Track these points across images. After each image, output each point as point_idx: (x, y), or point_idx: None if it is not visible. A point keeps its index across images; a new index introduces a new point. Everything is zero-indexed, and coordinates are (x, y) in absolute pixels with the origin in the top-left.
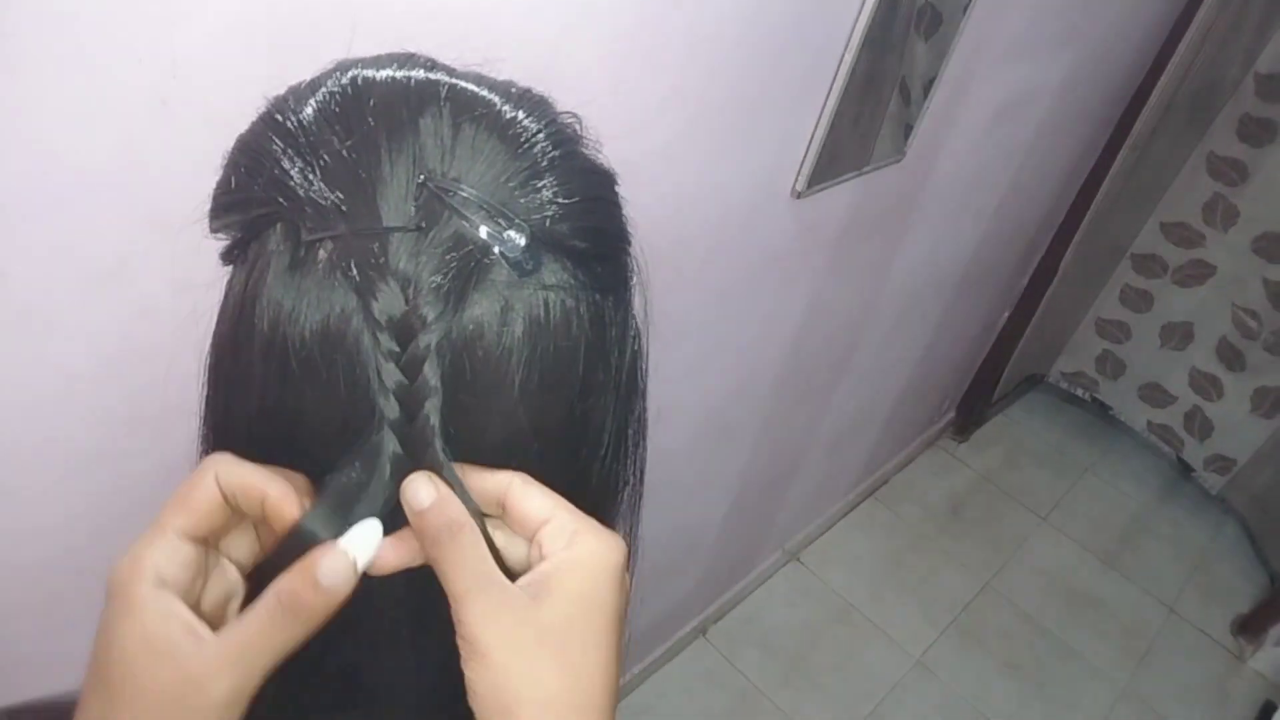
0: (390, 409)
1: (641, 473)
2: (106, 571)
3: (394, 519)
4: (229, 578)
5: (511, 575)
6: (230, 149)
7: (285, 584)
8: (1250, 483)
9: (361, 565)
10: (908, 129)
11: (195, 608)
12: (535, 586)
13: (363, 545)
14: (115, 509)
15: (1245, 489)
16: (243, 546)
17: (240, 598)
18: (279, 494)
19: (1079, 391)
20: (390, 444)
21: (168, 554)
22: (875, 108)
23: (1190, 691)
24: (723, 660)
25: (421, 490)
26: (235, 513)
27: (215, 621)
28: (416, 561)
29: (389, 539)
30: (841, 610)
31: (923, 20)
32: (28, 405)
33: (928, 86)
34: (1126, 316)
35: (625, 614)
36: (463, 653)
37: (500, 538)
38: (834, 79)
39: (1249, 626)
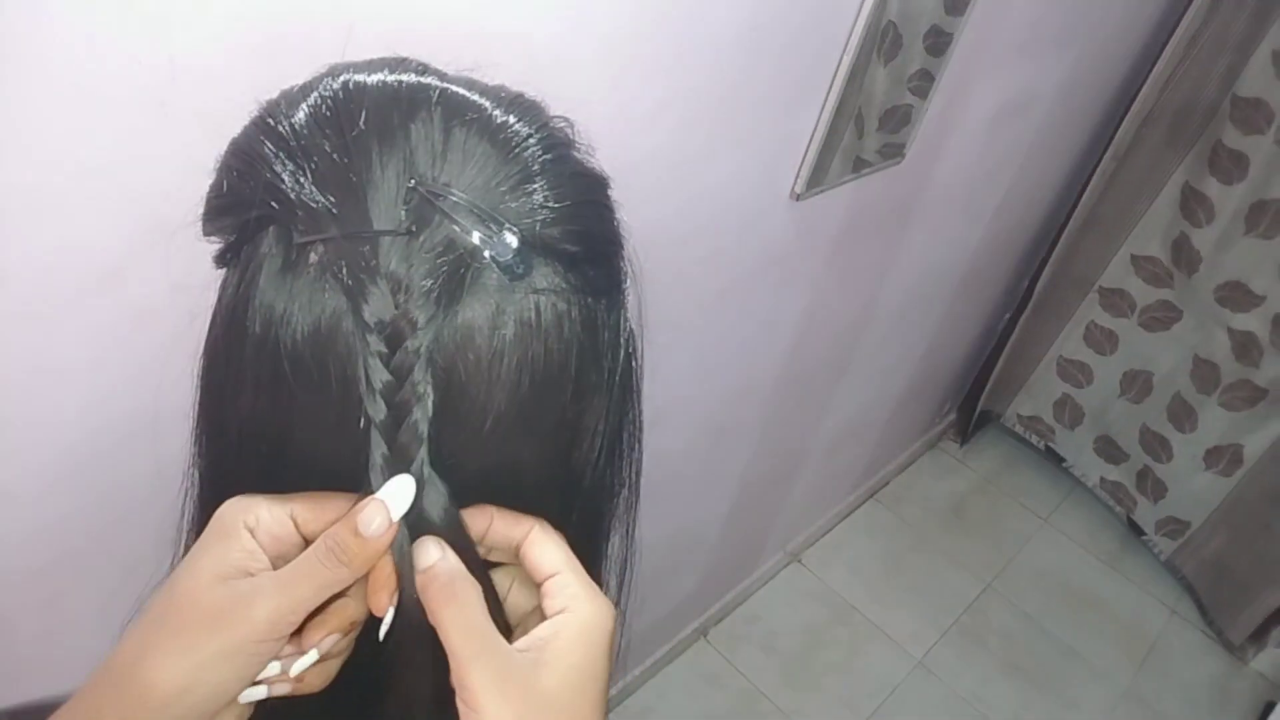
0: (377, 410)
1: (638, 475)
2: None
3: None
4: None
5: (510, 626)
6: (222, 152)
7: (333, 531)
8: (1202, 548)
9: (396, 514)
10: (858, 160)
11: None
12: (535, 653)
13: (398, 496)
14: (113, 510)
15: (1196, 555)
16: None
17: None
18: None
19: (1033, 439)
20: (378, 449)
21: (276, 518)
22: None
23: (1192, 692)
24: (724, 661)
25: (427, 550)
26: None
27: None
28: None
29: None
30: (843, 611)
31: (884, 42)
32: (26, 406)
33: (884, 115)
34: (1090, 358)
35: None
36: (463, 715)
37: (514, 585)
38: (833, 80)
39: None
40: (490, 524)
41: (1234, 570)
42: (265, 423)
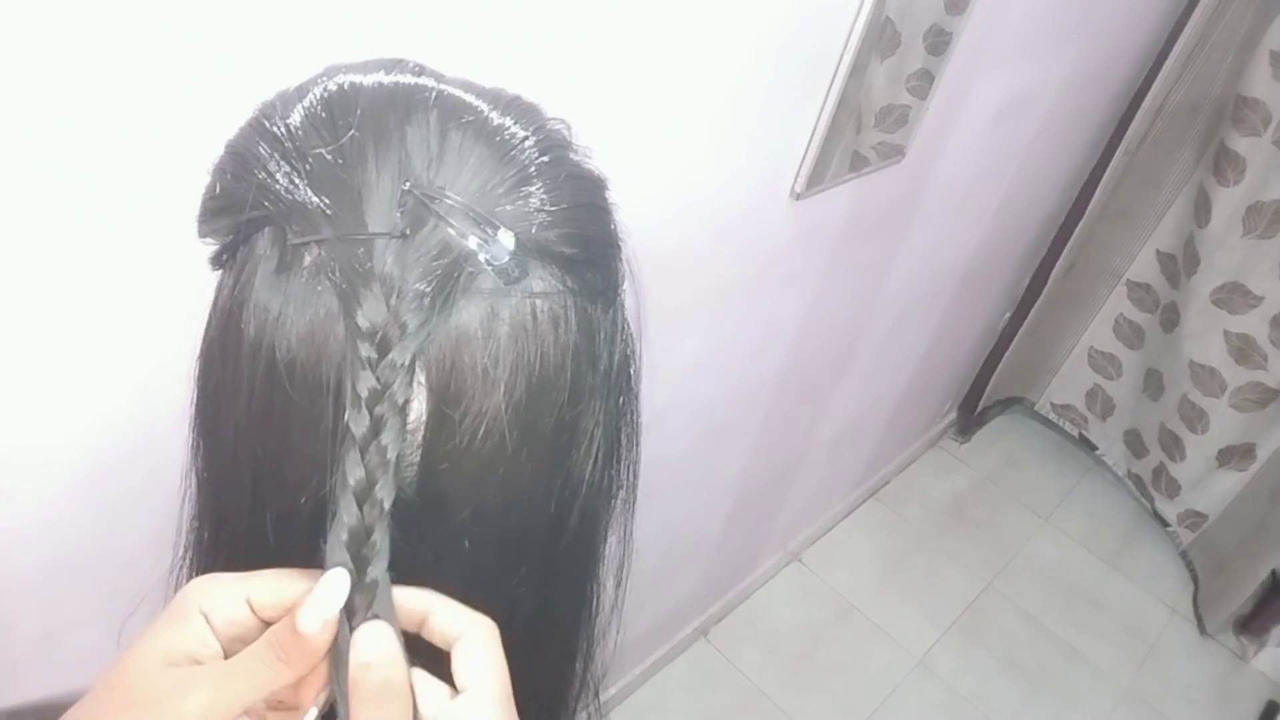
0: (359, 422)
1: (635, 476)
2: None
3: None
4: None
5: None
6: (219, 154)
7: (276, 627)
8: (1214, 541)
9: (330, 612)
10: (857, 158)
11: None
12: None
13: (332, 590)
14: (112, 511)
15: (1209, 548)
16: None
17: None
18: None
19: (1066, 426)
20: (355, 471)
21: (233, 603)
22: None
23: (1192, 692)
24: (724, 661)
25: (374, 643)
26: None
27: None
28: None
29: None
30: (843, 611)
31: (882, 39)
32: (26, 408)
33: (880, 113)
34: (1119, 350)
35: None
36: None
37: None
38: (833, 79)
39: (1251, 626)
40: (426, 618)
41: (1228, 563)
42: (261, 426)
